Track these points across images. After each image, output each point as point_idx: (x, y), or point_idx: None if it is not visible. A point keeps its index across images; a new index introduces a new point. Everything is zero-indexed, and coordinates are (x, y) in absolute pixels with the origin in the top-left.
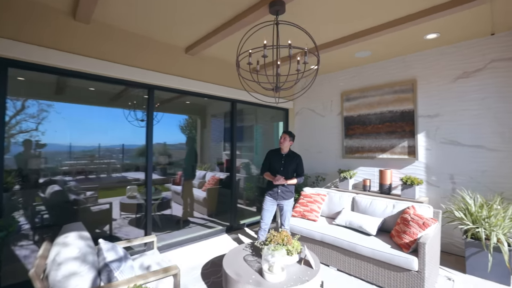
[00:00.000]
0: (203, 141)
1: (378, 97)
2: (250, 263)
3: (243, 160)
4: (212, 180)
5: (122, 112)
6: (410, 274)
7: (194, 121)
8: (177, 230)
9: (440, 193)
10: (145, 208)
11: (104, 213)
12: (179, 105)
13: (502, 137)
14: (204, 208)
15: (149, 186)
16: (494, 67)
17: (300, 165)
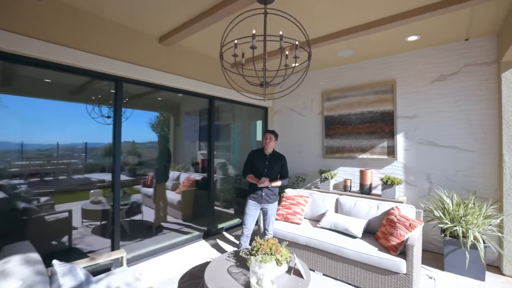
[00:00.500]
0: (176, 140)
1: (359, 97)
2: (235, 276)
3: (220, 160)
4: (187, 181)
5: (85, 107)
6: (398, 277)
7: (166, 119)
8: (149, 238)
9: (418, 192)
10: (112, 215)
11: (62, 222)
12: (150, 101)
13: (474, 138)
14: (178, 212)
15: (117, 189)
16: (467, 71)
17: (285, 166)
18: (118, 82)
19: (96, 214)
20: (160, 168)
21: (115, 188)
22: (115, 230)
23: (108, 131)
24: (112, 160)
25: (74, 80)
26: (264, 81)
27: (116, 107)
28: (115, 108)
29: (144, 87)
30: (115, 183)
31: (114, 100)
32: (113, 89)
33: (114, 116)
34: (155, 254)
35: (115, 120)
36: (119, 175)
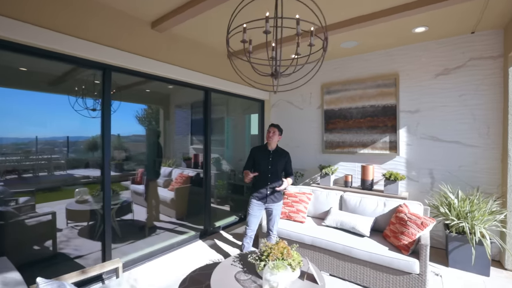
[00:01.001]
0: (166, 134)
1: (360, 90)
2: (245, 284)
3: (213, 155)
4: (180, 178)
5: (67, 99)
6: (411, 277)
7: (155, 112)
8: (142, 239)
9: (420, 187)
10: (102, 215)
11: (44, 226)
12: (138, 93)
13: (478, 133)
14: (172, 211)
15: (107, 187)
16: (472, 65)
17: (289, 163)
18: (106, 71)
19: (82, 214)
20: (151, 163)
21: (105, 186)
22: (106, 232)
23: (93, 124)
24: (101, 155)
25: (53, 69)
26: (276, 70)
27: (104, 98)
28: (103, 100)
29: (132, 77)
30: (104, 180)
31: (102, 91)
32: (98, 79)
33: (102, 108)
34: (150, 258)
35: (104, 113)
36: (109, 172)
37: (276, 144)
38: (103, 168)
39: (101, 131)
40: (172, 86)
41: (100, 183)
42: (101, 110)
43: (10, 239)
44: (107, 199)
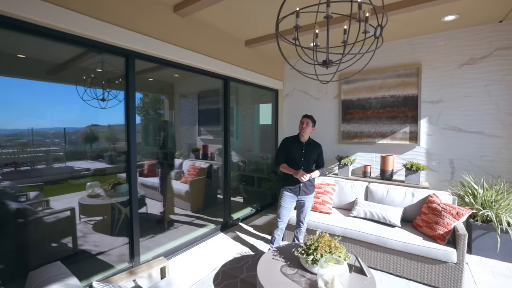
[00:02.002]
0: (172, 125)
1: (380, 80)
2: (294, 278)
3: (218, 145)
4: (193, 170)
5: (74, 89)
6: (448, 266)
7: (157, 101)
8: (162, 234)
9: (440, 177)
10: (130, 208)
11: (63, 222)
12: (141, 81)
13: (502, 123)
14: (187, 204)
15: (134, 180)
16: (499, 55)
17: (321, 155)
18: (129, 57)
19: (97, 209)
20: (162, 155)
21: (132, 179)
22: (134, 227)
23: (104, 114)
24: (126, 147)
25: (56, 56)
26: (327, 58)
27: (129, 87)
28: (128, 89)
29: (138, 65)
30: (131, 172)
31: (126, 78)
32: (108, 67)
33: (127, 98)
34: (176, 252)
35: (128, 102)
36: (135, 163)
37: (309, 135)
38: (129, 160)
39: (126, 121)
40: (178, 75)
41: (126, 175)
42: (125, 100)
43: (31, 238)
44: (134, 192)
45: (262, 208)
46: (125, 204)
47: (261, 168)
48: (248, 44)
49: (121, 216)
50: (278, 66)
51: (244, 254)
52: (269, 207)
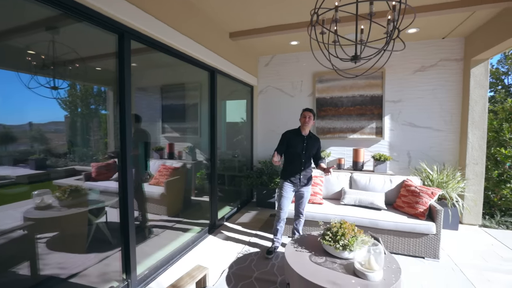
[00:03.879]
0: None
1: (351, 80)
2: (328, 266)
3: (187, 144)
4: (165, 170)
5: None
6: (428, 238)
7: (106, 94)
8: (143, 243)
9: (399, 166)
10: (123, 217)
11: (17, 244)
12: (88, 71)
13: (444, 120)
14: (162, 208)
15: (130, 178)
16: (442, 65)
17: (320, 149)
18: (125, 35)
19: (57, 222)
20: (137, 156)
21: (128, 178)
22: (130, 236)
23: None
24: (119, 143)
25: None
26: (356, 53)
27: (124, 74)
28: (121, 71)
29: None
30: (127, 174)
31: (118, 64)
32: (115, 44)
33: (122, 88)
34: (170, 262)
35: (124, 94)
36: (130, 161)
37: (309, 129)
38: (124, 159)
39: (120, 115)
40: (135, 64)
41: (120, 175)
42: (118, 90)
43: None
44: (130, 195)
45: (242, 206)
46: (95, 213)
47: (232, 166)
48: (233, 37)
49: (92, 227)
50: (253, 61)
51: (246, 253)
52: (247, 204)
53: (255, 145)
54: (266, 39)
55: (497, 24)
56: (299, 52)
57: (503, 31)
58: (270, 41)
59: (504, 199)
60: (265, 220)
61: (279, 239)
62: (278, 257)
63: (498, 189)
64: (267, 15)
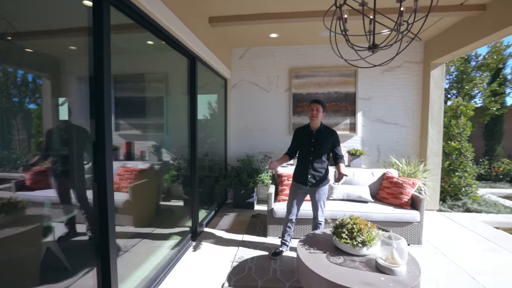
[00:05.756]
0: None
1: (326, 77)
2: (348, 265)
3: (151, 142)
4: (127, 173)
5: None
6: (413, 225)
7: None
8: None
9: (370, 160)
10: (101, 230)
11: None
12: (16, 52)
13: (408, 117)
14: (128, 217)
15: (109, 188)
16: (406, 67)
17: (338, 143)
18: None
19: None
20: (59, 158)
21: (108, 186)
22: (111, 256)
23: None
24: (100, 133)
25: None
26: (373, 43)
27: (101, 50)
28: (98, 56)
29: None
30: (106, 175)
31: (93, 39)
32: None
33: (99, 73)
34: (156, 281)
35: (103, 70)
36: (111, 164)
37: (320, 122)
38: (102, 152)
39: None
40: (74, 46)
41: (93, 180)
42: (95, 78)
43: None
44: (109, 199)
45: (219, 209)
46: (40, 231)
47: (203, 165)
48: (212, 22)
49: (40, 250)
50: (227, 53)
51: (240, 260)
52: (223, 207)
53: (228, 142)
54: (243, 30)
55: (455, 32)
56: (275, 46)
57: (460, 39)
58: (247, 33)
59: (452, 186)
60: (247, 222)
61: (287, 242)
62: (277, 262)
63: (448, 178)
64: (254, 1)
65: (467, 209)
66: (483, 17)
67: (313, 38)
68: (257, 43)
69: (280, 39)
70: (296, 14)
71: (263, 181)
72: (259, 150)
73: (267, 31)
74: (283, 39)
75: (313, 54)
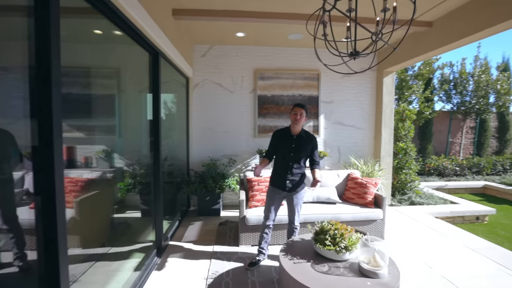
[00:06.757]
0: None
1: (291, 80)
2: (335, 272)
3: (100, 146)
4: (71, 184)
5: None
6: (377, 223)
7: None
8: None
9: (332, 161)
10: (53, 249)
11: None
12: None
13: (364, 119)
14: (75, 238)
15: (60, 208)
16: (362, 73)
17: (316, 149)
18: None
19: None
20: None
21: (56, 188)
22: None
23: None
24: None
25: None
26: (354, 49)
27: (48, 36)
28: (45, 38)
29: None
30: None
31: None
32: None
33: (47, 61)
34: None
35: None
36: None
37: (302, 127)
38: (52, 169)
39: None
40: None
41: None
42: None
43: None
44: (59, 218)
45: (182, 218)
46: None
47: (162, 171)
48: (176, 15)
49: None
50: (189, 50)
51: (215, 276)
52: (186, 215)
53: (191, 146)
54: (208, 26)
55: (405, 45)
56: (241, 45)
57: (409, 51)
58: (212, 29)
59: (400, 182)
60: (216, 231)
61: (264, 249)
62: (254, 273)
63: (396, 175)
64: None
65: (412, 202)
66: (429, 33)
67: (280, 40)
68: (222, 41)
69: (246, 39)
70: (266, 15)
71: (230, 186)
72: (223, 153)
73: (234, 29)
74: (250, 39)
75: (279, 56)
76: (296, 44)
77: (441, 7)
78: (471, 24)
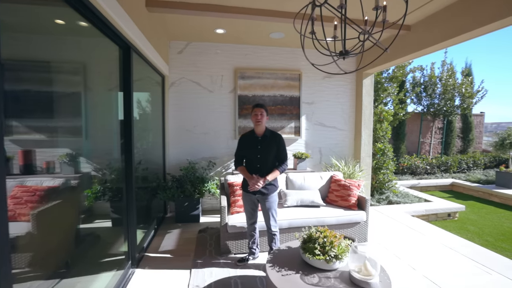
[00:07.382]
0: None
1: (272, 80)
2: (325, 283)
3: (64, 149)
4: (28, 194)
5: None
6: (360, 225)
7: None
8: None
9: (313, 162)
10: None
11: None
12: None
13: (344, 121)
14: (30, 256)
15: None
16: (343, 75)
17: (282, 147)
18: None
19: None
20: None
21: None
22: None
23: None
24: None
25: None
26: (344, 49)
27: None
28: None
29: None
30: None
31: None
32: None
33: None
34: None
35: None
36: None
37: (265, 127)
38: None
39: None
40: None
41: None
42: None
43: None
44: None
45: (159, 226)
46: None
47: (135, 176)
48: (150, 6)
49: None
50: (165, 45)
51: None
52: (163, 223)
53: (167, 148)
54: (185, 21)
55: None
56: (220, 43)
57: (388, 54)
58: (189, 24)
59: (378, 182)
60: (195, 239)
61: (254, 249)
62: (238, 284)
63: (375, 175)
64: None
65: (390, 201)
66: (407, 37)
67: (262, 39)
68: (200, 37)
69: (226, 36)
70: (248, 11)
71: (209, 190)
72: (202, 156)
73: (214, 25)
74: (230, 37)
75: (260, 55)
76: (277, 44)
77: (419, 11)
78: (448, 29)
